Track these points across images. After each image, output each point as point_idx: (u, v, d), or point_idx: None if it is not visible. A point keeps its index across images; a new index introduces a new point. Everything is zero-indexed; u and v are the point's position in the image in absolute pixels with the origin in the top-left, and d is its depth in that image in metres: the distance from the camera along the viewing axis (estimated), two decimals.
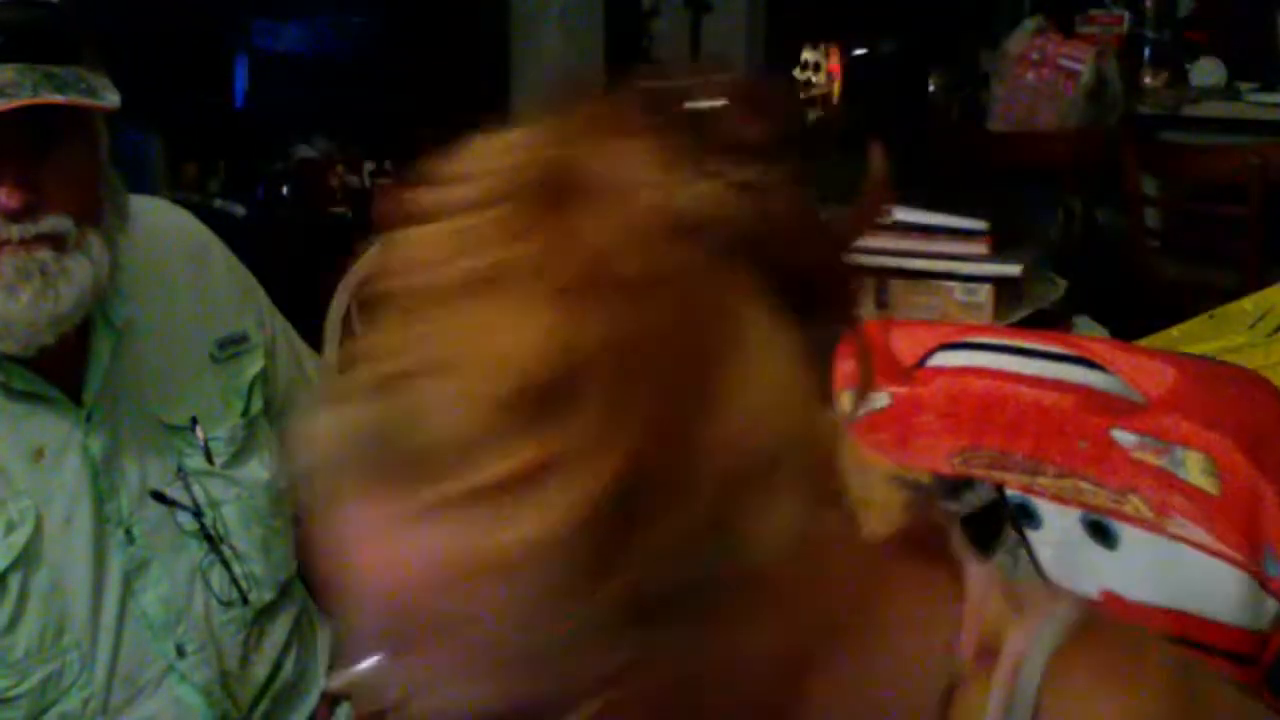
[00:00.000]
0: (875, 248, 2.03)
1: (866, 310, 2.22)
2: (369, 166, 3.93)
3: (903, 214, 2.04)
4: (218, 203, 4.01)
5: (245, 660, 1.37)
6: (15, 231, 1.15)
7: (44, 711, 1.25)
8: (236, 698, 1.36)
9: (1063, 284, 2.13)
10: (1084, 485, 1.03)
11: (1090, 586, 1.00)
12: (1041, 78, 3.76)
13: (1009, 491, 1.04)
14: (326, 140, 4.08)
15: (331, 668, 1.51)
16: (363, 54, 4.11)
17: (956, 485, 1.05)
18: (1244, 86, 3.99)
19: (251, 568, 1.36)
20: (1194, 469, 1.02)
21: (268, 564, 1.38)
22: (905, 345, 1.15)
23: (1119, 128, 3.68)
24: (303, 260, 3.06)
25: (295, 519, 1.46)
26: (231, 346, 1.39)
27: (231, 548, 1.34)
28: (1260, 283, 2.10)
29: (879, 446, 1.07)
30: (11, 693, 1.23)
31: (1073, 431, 1.06)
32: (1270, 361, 1.70)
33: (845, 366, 1.09)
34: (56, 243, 1.16)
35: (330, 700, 1.50)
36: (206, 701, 1.32)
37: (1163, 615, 0.96)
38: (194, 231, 1.44)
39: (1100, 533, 1.02)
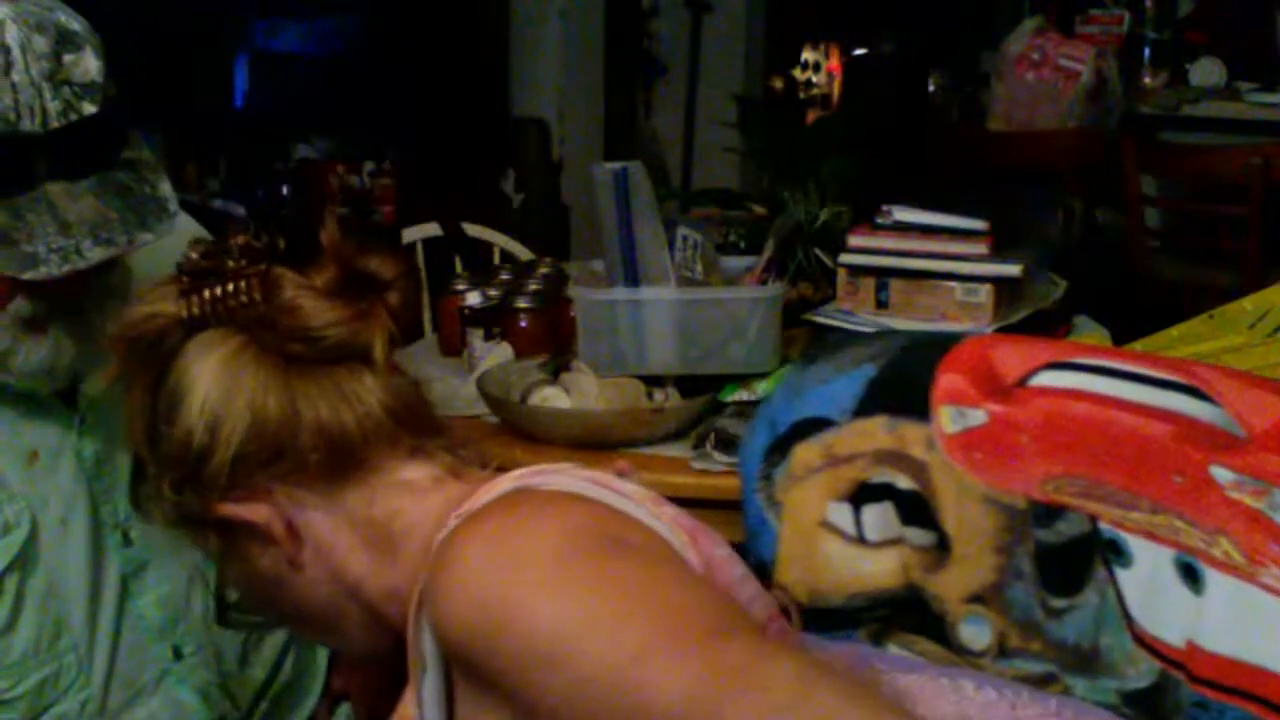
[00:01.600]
0: (875, 248, 2.04)
1: (867, 310, 2.19)
2: (369, 166, 3.94)
3: (903, 214, 2.03)
4: (218, 203, 4.02)
5: (245, 662, 1.37)
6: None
7: (41, 713, 1.25)
8: (235, 698, 1.36)
9: (1063, 284, 2.12)
10: (1178, 523, 0.96)
11: (1176, 637, 0.94)
12: (1041, 78, 3.76)
13: (1101, 525, 0.99)
14: (326, 140, 4.09)
15: (331, 666, 1.51)
16: (363, 54, 4.11)
17: (1049, 512, 1.01)
18: (1244, 86, 3.99)
19: None
20: None
21: None
22: (1011, 361, 1.11)
23: (1119, 128, 3.68)
24: (302, 260, 3.06)
25: None
26: None
27: None
28: (1260, 283, 2.10)
29: (974, 466, 1.05)
30: (8, 695, 1.23)
31: (1170, 465, 0.99)
32: (1270, 361, 1.70)
33: (945, 382, 1.08)
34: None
35: (330, 700, 1.50)
36: (204, 704, 1.32)
37: (1247, 671, 0.90)
38: (190, 234, 1.43)
39: (1191, 576, 0.95)
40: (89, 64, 1.12)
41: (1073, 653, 0.99)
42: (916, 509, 1.06)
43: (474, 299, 2.01)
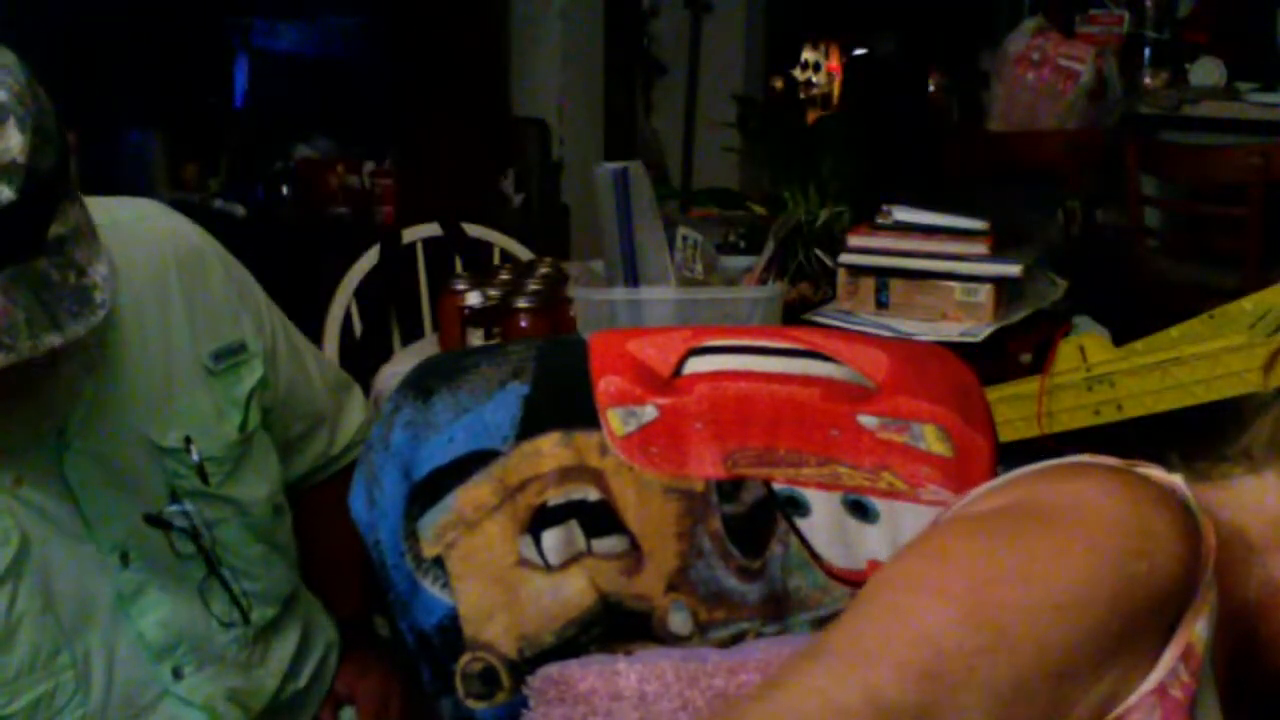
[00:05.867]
0: (875, 248, 2.04)
1: (867, 310, 2.20)
2: (369, 166, 3.93)
3: (903, 214, 2.03)
4: (218, 203, 4.02)
5: (251, 675, 1.35)
6: None
7: None
8: (247, 708, 1.34)
9: (1063, 284, 2.13)
10: (841, 469, 1.12)
11: (860, 559, 1.09)
12: (1041, 78, 3.76)
13: (776, 486, 1.11)
14: (326, 140, 4.08)
15: (336, 672, 1.50)
16: (363, 54, 4.11)
17: (731, 487, 1.11)
18: (1244, 86, 3.99)
19: (252, 585, 1.33)
20: (931, 439, 1.13)
21: (269, 580, 1.35)
22: (655, 354, 1.18)
23: (1119, 128, 3.68)
24: (303, 260, 3.06)
25: (297, 530, 1.43)
26: (229, 358, 1.33)
27: (231, 568, 1.31)
28: (1260, 283, 2.10)
29: (652, 461, 1.11)
30: (3, 711, 1.19)
31: (824, 421, 1.13)
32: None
33: (605, 384, 1.13)
34: None
35: (333, 704, 1.49)
36: (210, 717, 1.30)
37: None
38: (187, 237, 1.35)
39: (860, 510, 1.10)
40: (9, 142, 0.97)
41: (764, 603, 1.09)
42: (605, 518, 1.09)
43: (474, 299, 2.00)
